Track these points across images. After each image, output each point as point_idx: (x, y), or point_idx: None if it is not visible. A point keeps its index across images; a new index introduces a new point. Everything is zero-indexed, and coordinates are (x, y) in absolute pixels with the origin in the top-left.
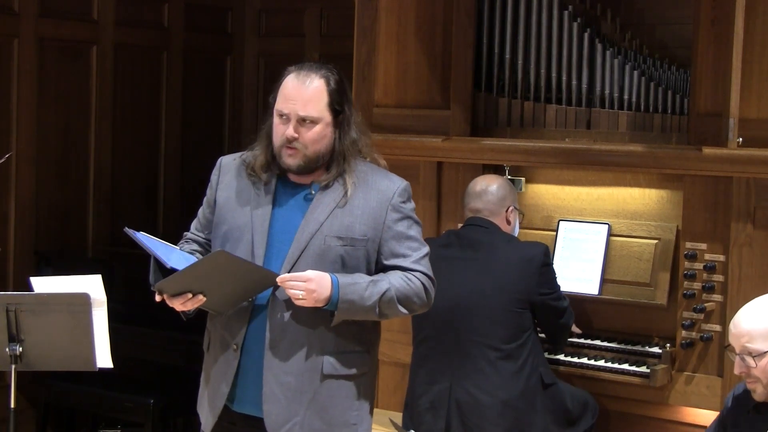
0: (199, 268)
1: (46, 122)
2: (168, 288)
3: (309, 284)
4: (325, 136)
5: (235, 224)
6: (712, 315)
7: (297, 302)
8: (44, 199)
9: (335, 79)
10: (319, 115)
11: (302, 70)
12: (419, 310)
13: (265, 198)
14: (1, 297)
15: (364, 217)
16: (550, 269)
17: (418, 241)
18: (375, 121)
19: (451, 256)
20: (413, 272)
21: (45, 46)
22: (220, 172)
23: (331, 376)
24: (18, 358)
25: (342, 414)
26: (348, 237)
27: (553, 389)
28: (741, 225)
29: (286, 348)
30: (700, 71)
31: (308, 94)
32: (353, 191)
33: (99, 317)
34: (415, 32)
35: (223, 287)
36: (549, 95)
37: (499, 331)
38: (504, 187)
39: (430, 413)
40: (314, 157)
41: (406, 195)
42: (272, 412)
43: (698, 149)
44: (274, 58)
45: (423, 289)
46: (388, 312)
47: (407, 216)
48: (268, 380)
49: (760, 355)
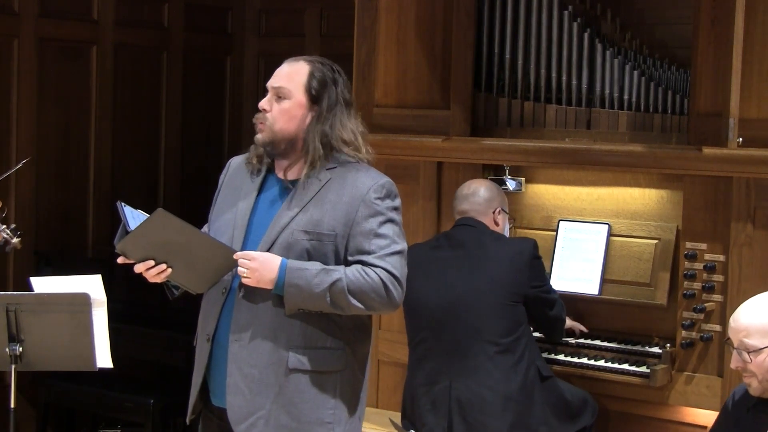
0: (148, 227)
1: (46, 122)
2: (127, 249)
3: (252, 263)
4: (295, 116)
5: (223, 220)
6: (712, 315)
7: (243, 281)
8: (44, 199)
9: (323, 71)
10: (291, 88)
11: (297, 57)
12: (381, 308)
13: (250, 194)
14: (1, 297)
15: (334, 212)
16: (540, 262)
17: (388, 239)
18: (375, 121)
19: (442, 257)
20: (373, 267)
21: (45, 46)
22: (227, 173)
23: (297, 371)
24: (18, 358)
25: (313, 411)
26: (315, 232)
27: (551, 382)
28: (741, 225)
29: (251, 339)
30: (700, 71)
31: (287, 69)
32: (328, 186)
33: (99, 317)
34: (415, 32)
35: (185, 259)
36: (549, 95)
37: (496, 325)
38: (491, 190)
39: (431, 413)
40: (280, 135)
41: (382, 192)
42: (235, 405)
43: (698, 149)
44: (274, 58)
45: (382, 285)
46: (342, 304)
47: (380, 213)
48: (232, 372)
49: (756, 351)
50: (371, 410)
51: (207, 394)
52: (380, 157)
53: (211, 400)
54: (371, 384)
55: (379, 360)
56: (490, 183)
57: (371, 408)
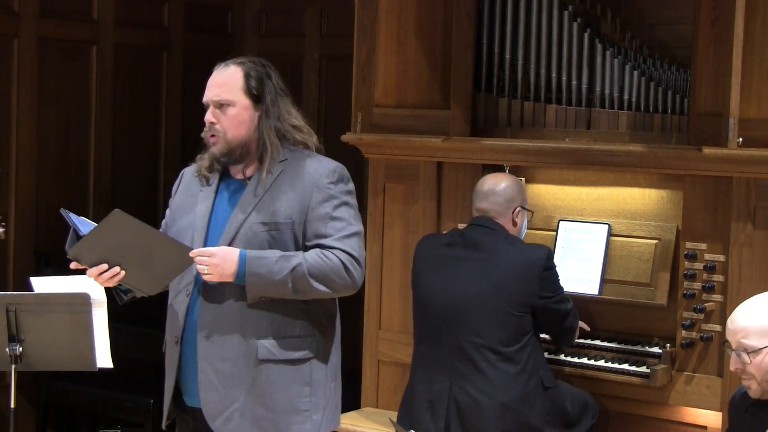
0: (103, 230)
1: (46, 122)
2: (81, 254)
3: (213, 258)
4: (244, 120)
5: (182, 226)
6: (712, 315)
7: (204, 277)
8: (44, 199)
9: (256, 69)
10: (232, 97)
11: (224, 63)
12: (343, 290)
13: (207, 197)
14: (1, 297)
15: (289, 200)
16: (553, 272)
17: (344, 221)
18: (375, 121)
19: (453, 256)
20: (332, 249)
21: (45, 46)
22: (180, 182)
23: (268, 361)
24: (18, 358)
25: (288, 400)
26: (272, 222)
27: (553, 392)
28: (741, 225)
29: (219, 335)
30: (700, 71)
31: (221, 79)
32: (281, 178)
33: (99, 317)
34: (415, 32)
35: (139, 260)
36: (549, 95)
37: (497, 333)
38: (512, 188)
39: (428, 413)
40: (235, 142)
41: (335, 176)
42: (209, 400)
43: (698, 149)
44: (274, 58)
45: (342, 266)
46: (304, 288)
47: (334, 197)
48: (203, 369)
49: (754, 352)
50: (371, 410)
51: (180, 396)
52: (380, 157)
53: (185, 402)
54: (371, 384)
55: (379, 360)
56: (511, 179)
57: (371, 408)
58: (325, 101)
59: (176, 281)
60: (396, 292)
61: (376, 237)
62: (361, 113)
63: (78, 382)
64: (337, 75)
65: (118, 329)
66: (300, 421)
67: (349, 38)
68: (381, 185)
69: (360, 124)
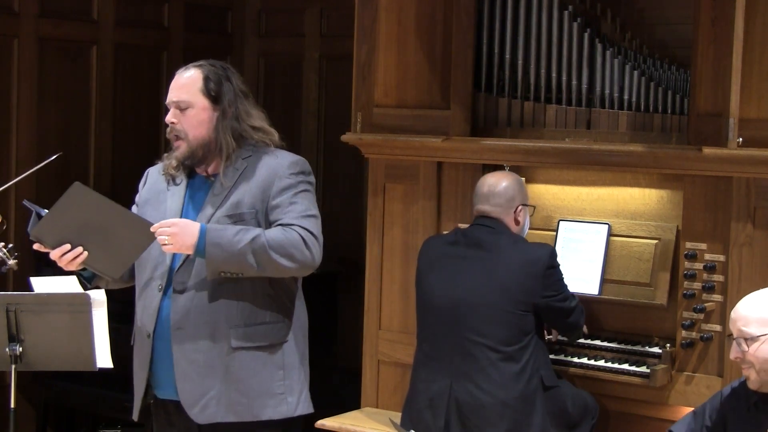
0: (64, 204)
1: (46, 122)
2: (43, 235)
3: (172, 228)
4: (203, 121)
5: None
6: (712, 315)
7: (164, 248)
8: (44, 199)
9: (215, 71)
10: (190, 98)
11: (185, 66)
12: (302, 266)
13: (176, 197)
14: (1, 297)
15: (252, 191)
16: (556, 271)
17: (304, 206)
18: (375, 121)
19: (456, 255)
20: (291, 226)
21: (45, 46)
22: (145, 181)
23: (241, 349)
24: (18, 358)
25: (262, 385)
26: (237, 213)
27: (554, 392)
28: (741, 225)
29: (192, 328)
30: (700, 71)
31: (182, 81)
32: (245, 174)
33: (99, 317)
34: (415, 32)
35: (102, 239)
36: (549, 95)
37: (498, 332)
38: (512, 187)
39: (429, 411)
40: (197, 143)
41: (296, 168)
42: (186, 390)
43: (698, 149)
44: (274, 58)
45: (301, 241)
46: (263, 260)
47: (294, 186)
48: (178, 361)
49: (752, 339)
50: (371, 410)
51: (151, 390)
52: (380, 157)
53: (157, 396)
54: (371, 384)
55: (379, 360)
56: (511, 178)
57: (371, 408)
58: (325, 101)
59: (142, 275)
60: (396, 292)
61: (376, 237)
62: (361, 113)
63: (78, 382)
64: (337, 75)
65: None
66: (274, 404)
67: (349, 38)
68: (381, 185)
69: (360, 124)
